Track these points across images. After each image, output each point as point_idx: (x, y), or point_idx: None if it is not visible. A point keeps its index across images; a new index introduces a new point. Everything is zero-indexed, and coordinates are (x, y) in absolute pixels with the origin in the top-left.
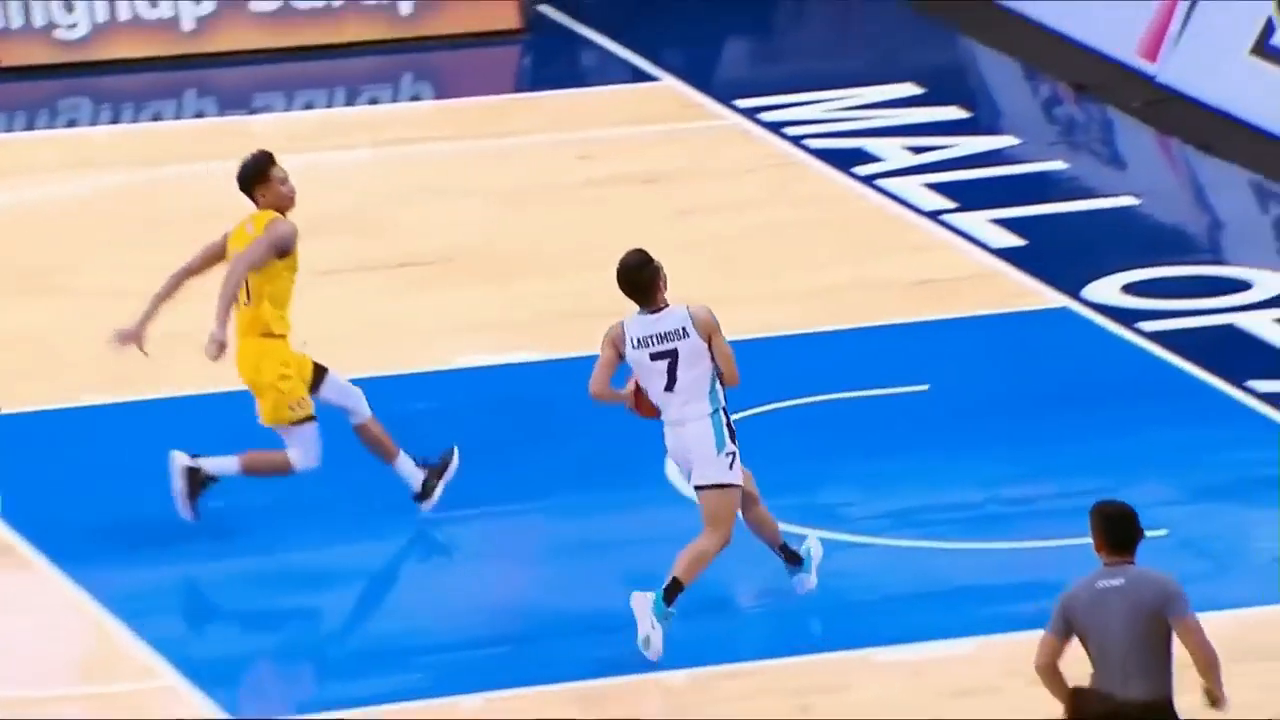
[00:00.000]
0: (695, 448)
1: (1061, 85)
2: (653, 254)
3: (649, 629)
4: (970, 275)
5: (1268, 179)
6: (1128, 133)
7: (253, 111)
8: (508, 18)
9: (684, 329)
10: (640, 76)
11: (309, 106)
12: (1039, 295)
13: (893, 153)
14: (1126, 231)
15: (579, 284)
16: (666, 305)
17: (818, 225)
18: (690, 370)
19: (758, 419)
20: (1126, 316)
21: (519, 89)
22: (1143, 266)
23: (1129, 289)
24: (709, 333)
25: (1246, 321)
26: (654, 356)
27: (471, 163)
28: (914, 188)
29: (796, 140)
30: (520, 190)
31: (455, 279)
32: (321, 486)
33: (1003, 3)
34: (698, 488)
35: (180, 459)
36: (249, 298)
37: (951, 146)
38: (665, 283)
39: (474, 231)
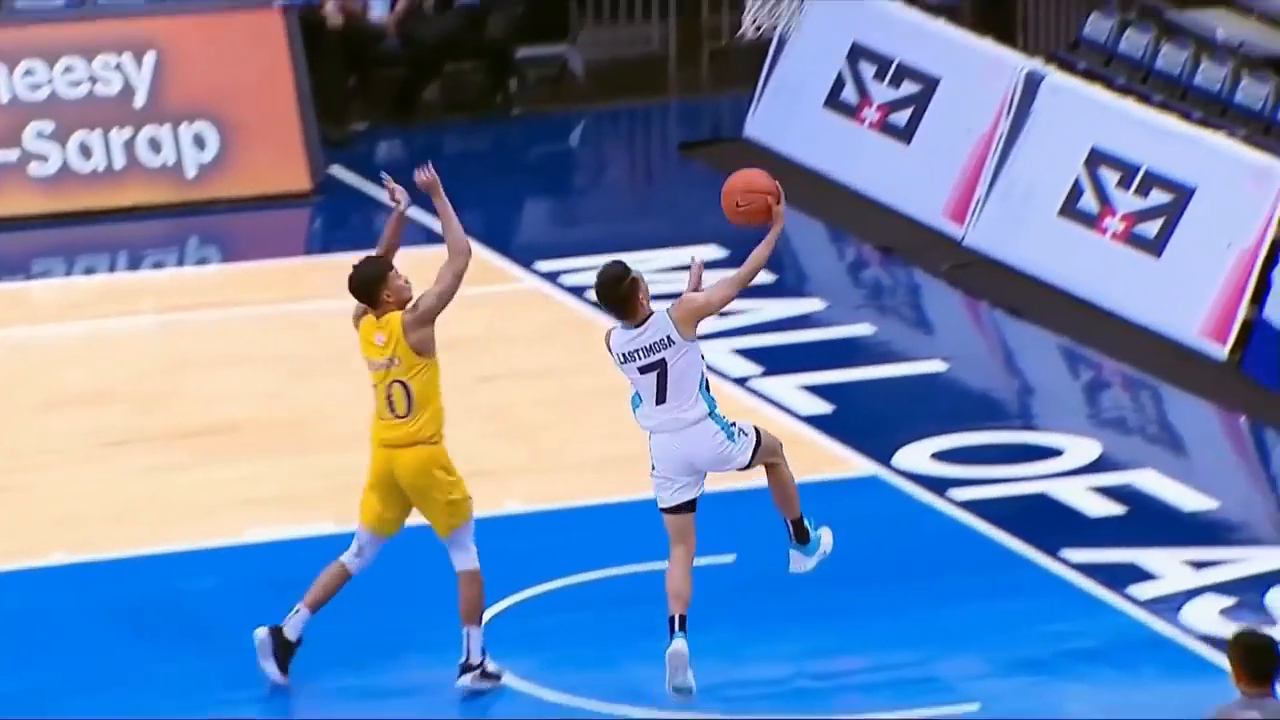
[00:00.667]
0: (704, 451)
1: (868, 247)
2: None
3: (821, 542)
4: None
5: (1077, 343)
6: (935, 296)
7: (31, 277)
8: (297, 179)
9: (668, 338)
10: (436, 239)
11: (90, 272)
12: (847, 463)
13: None
14: (935, 397)
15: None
16: (651, 314)
17: (620, 392)
18: (681, 379)
19: (556, 593)
20: (937, 484)
21: (310, 252)
22: (952, 433)
23: (939, 456)
24: (694, 320)
25: (1058, 489)
26: (642, 370)
27: (260, 329)
28: (720, 352)
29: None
30: (311, 357)
31: (241, 450)
32: (99, 663)
33: (808, 164)
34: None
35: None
36: (409, 410)
37: (756, 310)
38: (646, 294)
39: (262, 401)
